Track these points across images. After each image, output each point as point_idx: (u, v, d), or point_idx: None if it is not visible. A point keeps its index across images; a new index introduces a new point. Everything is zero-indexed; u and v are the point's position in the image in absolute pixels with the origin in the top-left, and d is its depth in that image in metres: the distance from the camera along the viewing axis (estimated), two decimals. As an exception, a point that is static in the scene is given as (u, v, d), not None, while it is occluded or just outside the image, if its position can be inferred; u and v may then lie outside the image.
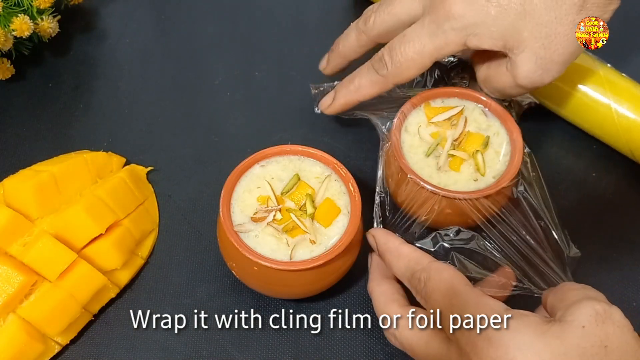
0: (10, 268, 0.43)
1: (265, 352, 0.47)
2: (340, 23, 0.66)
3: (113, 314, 0.48)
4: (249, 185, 0.46)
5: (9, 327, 0.43)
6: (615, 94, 0.53)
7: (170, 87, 0.61)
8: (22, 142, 0.57)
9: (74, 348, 0.47)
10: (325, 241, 0.44)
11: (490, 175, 0.47)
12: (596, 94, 0.54)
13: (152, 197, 0.53)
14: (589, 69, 0.54)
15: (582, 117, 0.56)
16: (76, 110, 0.59)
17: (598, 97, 0.54)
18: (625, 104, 0.53)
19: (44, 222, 0.46)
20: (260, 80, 0.61)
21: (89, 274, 0.45)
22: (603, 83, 0.54)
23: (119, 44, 0.64)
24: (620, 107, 0.53)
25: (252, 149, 0.47)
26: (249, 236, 0.44)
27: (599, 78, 0.54)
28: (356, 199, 0.45)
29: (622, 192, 0.55)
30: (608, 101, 0.53)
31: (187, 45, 0.64)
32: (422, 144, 0.49)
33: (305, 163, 0.47)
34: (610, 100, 0.53)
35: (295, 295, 0.47)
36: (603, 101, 0.54)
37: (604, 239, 0.52)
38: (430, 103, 0.50)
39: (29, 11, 0.55)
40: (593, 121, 0.55)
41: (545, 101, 0.57)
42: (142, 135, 0.58)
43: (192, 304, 0.49)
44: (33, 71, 0.61)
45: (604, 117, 0.54)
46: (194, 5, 0.67)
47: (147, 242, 0.51)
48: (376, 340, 0.47)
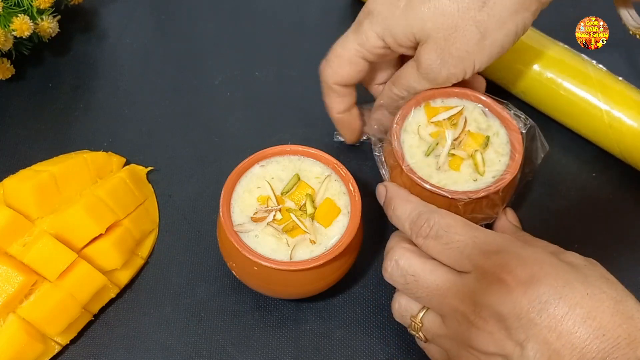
0: (10, 268, 0.43)
1: (265, 352, 0.47)
2: (340, 23, 0.66)
3: (113, 314, 0.48)
4: (249, 185, 0.46)
5: (9, 327, 0.43)
6: (607, 97, 0.53)
7: (170, 87, 0.61)
8: (22, 142, 0.57)
9: (74, 348, 0.47)
10: (325, 241, 0.44)
11: (489, 175, 0.47)
12: (589, 96, 0.54)
13: (152, 197, 0.53)
14: (582, 72, 0.54)
15: (575, 121, 0.56)
16: (76, 110, 0.59)
17: (591, 100, 0.54)
18: (617, 108, 0.53)
19: (44, 222, 0.46)
20: (260, 80, 0.61)
21: (89, 274, 0.45)
22: (595, 86, 0.54)
23: (119, 44, 0.64)
24: (612, 110, 0.53)
25: (252, 149, 0.47)
26: (249, 236, 0.44)
27: (592, 81, 0.54)
28: (356, 199, 0.45)
29: (622, 192, 0.55)
30: (600, 104, 0.53)
31: (187, 45, 0.64)
32: (421, 143, 0.49)
33: (305, 163, 0.47)
34: (602, 103, 0.53)
35: (295, 295, 0.47)
36: (595, 104, 0.53)
37: (604, 239, 0.52)
38: (430, 103, 0.50)
39: (29, 11, 0.56)
40: (586, 125, 0.55)
41: (542, 107, 0.57)
42: (142, 135, 0.58)
43: (192, 304, 0.49)
44: (33, 71, 0.61)
45: (596, 121, 0.54)
46: (194, 6, 0.67)
47: (147, 242, 0.51)
48: (376, 340, 0.47)
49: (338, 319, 0.48)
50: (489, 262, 0.38)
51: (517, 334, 0.36)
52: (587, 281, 0.37)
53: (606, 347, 0.34)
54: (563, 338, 0.35)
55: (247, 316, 0.48)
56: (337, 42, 0.50)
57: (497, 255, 0.38)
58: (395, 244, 0.43)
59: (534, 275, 0.37)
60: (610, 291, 0.36)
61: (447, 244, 0.41)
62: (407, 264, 0.42)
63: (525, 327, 0.36)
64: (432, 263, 0.41)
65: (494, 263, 0.38)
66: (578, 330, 0.35)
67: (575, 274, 0.37)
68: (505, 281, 0.37)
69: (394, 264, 0.42)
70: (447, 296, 0.40)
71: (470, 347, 0.39)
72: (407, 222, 0.43)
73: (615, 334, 0.35)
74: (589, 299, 0.36)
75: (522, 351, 0.36)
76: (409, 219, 0.43)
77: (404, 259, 0.42)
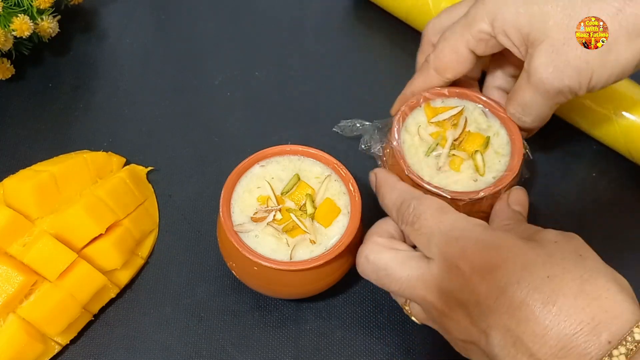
0: (10, 268, 0.43)
1: (265, 352, 0.47)
2: (340, 23, 0.66)
3: (113, 314, 0.48)
4: (248, 185, 0.46)
5: (9, 327, 0.43)
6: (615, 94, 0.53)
7: (170, 87, 0.61)
8: (22, 142, 0.57)
9: (74, 348, 0.47)
10: (326, 241, 0.44)
11: (490, 176, 0.47)
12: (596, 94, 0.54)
13: (152, 197, 0.53)
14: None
15: (581, 117, 0.56)
16: (76, 110, 0.59)
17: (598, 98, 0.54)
18: (624, 105, 0.53)
19: (44, 222, 0.46)
20: (260, 80, 0.61)
21: (89, 274, 0.45)
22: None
23: (119, 44, 0.64)
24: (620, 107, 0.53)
25: (252, 149, 0.47)
26: (249, 236, 0.44)
27: None
28: (356, 199, 0.45)
29: (622, 192, 0.55)
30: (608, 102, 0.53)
31: (187, 45, 0.64)
32: (422, 144, 0.49)
33: (305, 163, 0.47)
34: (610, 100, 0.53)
35: (295, 295, 0.47)
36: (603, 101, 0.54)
37: (604, 239, 0.52)
38: (430, 103, 0.50)
39: (29, 11, 0.55)
40: (592, 122, 0.55)
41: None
42: (142, 135, 0.58)
43: (192, 304, 0.49)
44: (33, 71, 0.61)
45: (603, 118, 0.54)
46: (194, 6, 0.67)
47: (147, 242, 0.51)
48: (376, 340, 0.47)
49: (338, 319, 0.48)
50: (449, 250, 0.38)
51: (479, 321, 0.35)
52: (550, 261, 0.35)
53: (568, 333, 0.32)
54: (522, 324, 0.34)
55: (247, 316, 0.48)
56: (445, 32, 0.47)
57: (457, 242, 0.38)
58: (367, 238, 0.43)
59: (490, 261, 0.36)
60: (576, 269, 0.34)
61: (417, 229, 0.40)
62: (377, 258, 0.41)
63: (485, 314, 0.35)
64: (403, 255, 0.41)
65: (452, 250, 0.38)
66: (538, 316, 0.33)
67: (538, 255, 0.35)
68: (461, 268, 0.36)
69: (363, 259, 0.42)
70: (416, 287, 0.39)
71: (447, 333, 0.39)
72: (394, 209, 0.43)
73: (577, 318, 0.32)
74: (549, 282, 0.34)
75: (487, 339, 0.35)
76: (394, 206, 0.43)
77: (374, 253, 0.42)
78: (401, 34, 0.64)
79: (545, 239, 0.37)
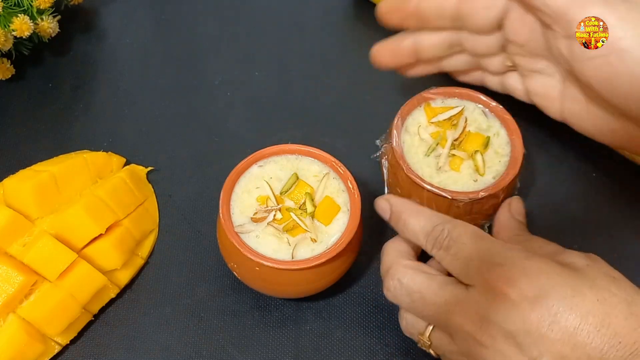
0: (10, 268, 0.43)
1: (265, 352, 0.47)
2: (341, 23, 0.66)
3: (113, 314, 0.48)
4: (247, 186, 0.46)
5: (9, 327, 0.43)
6: None
7: (170, 87, 0.61)
8: (22, 142, 0.57)
9: (74, 348, 0.47)
10: (326, 239, 0.44)
11: (490, 176, 0.47)
12: None
13: (152, 197, 0.53)
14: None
15: None
16: (76, 110, 0.59)
17: None
18: None
19: (44, 222, 0.46)
20: (260, 80, 0.61)
21: (89, 274, 0.45)
22: None
23: (119, 44, 0.64)
24: None
25: (252, 149, 0.47)
26: (249, 237, 0.44)
27: None
28: (355, 196, 0.45)
29: (622, 192, 0.55)
30: None
31: (187, 45, 0.64)
32: (422, 144, 0.49)
33: (303, 162, 0.47)
34: None
35: (296, 294, 0.47)
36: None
37: (604, 239, 0.52)
38: (430, 103, 0.50)
39: (29, 11, 0.56)
40: None
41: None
42: (142, 135, 0.58)
43: (192, 304, 0.49)
44: (33, 71, 0.61)
45: None
46: (194, 6, 0.67)
47: (147, 242, 0.51)
48: (376, 340, 0.47)
49: (338, 319, 0.48)
50: (493, 275, 0.37)
51: (529, 350, 0.35)
52: (595, 285, 0.36)
53: (624, 355, 0.33)
54: (578, 350, 0.34)
55: (247, 316, 0.48)
56: None
57: (502, 268, 0.37)
58: (394, 262, 0.42)
59: (540, 288, 0.35)
60: (620, 292, 0.35)
61: (454, 254, 0.39)
62: (411, 282, 0.40)
63: (537, 342, 0.35)
64: (440, 279, 0.40)
65: (497, 276, 0.37)
66: (593, 340, 0.34)
67: (582, 279, 0.36)
68: (509, 296, 0.36)
69: (396, 283, 0.41)
70: (453, 313, 0.38)
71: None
72: (422, 235, 0.42)
73: (631, 339, 0.34)
74: (600, 305, 0.35)
75: None
76: (423, 231, 0.42)
77: (408, 277, 0.41)
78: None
79: (577, 263, 0.38)
